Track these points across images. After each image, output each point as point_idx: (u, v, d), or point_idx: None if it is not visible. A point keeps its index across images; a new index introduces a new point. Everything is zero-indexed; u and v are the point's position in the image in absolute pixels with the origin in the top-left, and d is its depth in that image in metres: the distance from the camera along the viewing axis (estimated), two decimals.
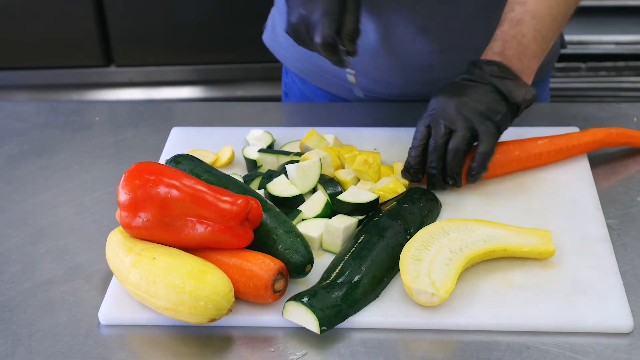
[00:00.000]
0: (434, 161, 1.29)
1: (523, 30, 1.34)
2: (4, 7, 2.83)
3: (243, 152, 1.42)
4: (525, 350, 1.08)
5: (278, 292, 1.12)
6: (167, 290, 1.08)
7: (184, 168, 1.26)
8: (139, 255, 1.12)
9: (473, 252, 1.17)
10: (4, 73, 2.98)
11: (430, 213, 1.27)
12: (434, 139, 1.29)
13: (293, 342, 1.10)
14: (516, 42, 1.33)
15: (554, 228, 1.25)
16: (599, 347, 1.08)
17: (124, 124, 1.61)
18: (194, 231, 1.12)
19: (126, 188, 1.13)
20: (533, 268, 1.19)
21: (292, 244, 1.14)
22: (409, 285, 1.11)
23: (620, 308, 1.12)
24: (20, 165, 1.48)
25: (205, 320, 1.08)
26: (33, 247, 1.28)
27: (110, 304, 1.15)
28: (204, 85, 2.99)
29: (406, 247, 1.17)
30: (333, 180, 1.32)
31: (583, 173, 1.38)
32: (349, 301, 1.11)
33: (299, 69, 1.68)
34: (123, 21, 2.86)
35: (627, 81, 2.84)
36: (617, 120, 1.55)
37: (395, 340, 1.10)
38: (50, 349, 1.10)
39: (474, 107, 1.28)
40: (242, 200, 1.11)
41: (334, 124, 1.54)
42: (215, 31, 2.88)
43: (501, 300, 1.14)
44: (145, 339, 1.13)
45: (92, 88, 2.99)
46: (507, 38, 1.34)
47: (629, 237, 1.27)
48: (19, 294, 1.20)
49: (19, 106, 1.70)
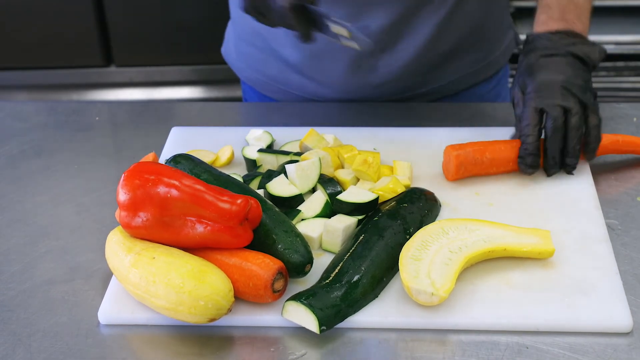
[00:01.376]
0: (556, 141, 1.30)
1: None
2: (4, 7, 2.83)
3: (243, 152, 1.42)
4: (525, 350, 1.08)
5: (278, 291, 1.12)
6: (166, 289, 1.08)
7: (183, 168, 1.26)
8: (138, 255, 1.12)
9: (473, 252, 1.17)
10: (4, 73, 2.98)
11: (429, 213, 1.27)
12: (551, 120, 1.29)
13: (293, 342, 1.10)
14: (573, 5, 1.38)
15: (554, 228, 1.25)
16: (598, 347, 1.08)
17: (124, 124, 1.61)
18: (193, 231, 1.12)
19: (126, 188, 1.13)
20: (533, 268, 1.19)
21: (292, 243, 1.14)
22: (408, 285, 1.11)
23: (619, 308, 1.12)
24: (20, 165, 1.48)
25: (205, 320, 1.08)
26: (33, 247, 1.28)
27: (110, 303, 1.15)
28: (204, 85, 2.99)
29: (406, 246, 1.17)
30: (332, 180, 1.32)
31: (583, 173, 1.38)
32: (349, 301, 1.11)
33: (251, 79, 1.71)
34: (123, 21, 2.87)
35: (626, 81, 2.84)
36: (616, 120, 1.55)
37: (395, 340, 1.10)
38: (50, 349, 1.10)
39: (575, 82, 1.31)
40: (242, 200, 1.11)
41: (333, 124, 1.54)
42: (215, 31, 2.87)
43: (501, 300, 1.14)
44: (145, 338, 1.13)
45: (92, 88, 2.99)
46: (564, 3, 1.38)
47: (629, 237, 1.27)
48: (19, 294, 1.20)
49: (19, 106, 1.70)
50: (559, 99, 1.30)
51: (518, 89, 1.36)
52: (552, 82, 1.32)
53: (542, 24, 1.38)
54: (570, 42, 1.35)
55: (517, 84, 1.37)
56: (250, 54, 1.67)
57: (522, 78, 1.36)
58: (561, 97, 1.31)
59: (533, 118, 1.31)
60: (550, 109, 1.30)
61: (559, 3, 1.39)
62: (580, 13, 1.38)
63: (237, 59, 1.72)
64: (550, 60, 1.34)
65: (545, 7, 1.40)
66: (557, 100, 1.30)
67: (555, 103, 1.30)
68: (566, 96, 1.31)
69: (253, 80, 1.71)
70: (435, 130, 1.49)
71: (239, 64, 1.72)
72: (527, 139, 1.32)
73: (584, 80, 1.34)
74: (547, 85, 1.31)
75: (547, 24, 1.38)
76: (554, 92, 1.31)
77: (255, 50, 1.65)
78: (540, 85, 1.32)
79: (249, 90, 1.77)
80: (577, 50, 1.35)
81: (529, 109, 1.31)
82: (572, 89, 1.31)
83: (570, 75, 1.32)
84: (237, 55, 1.71)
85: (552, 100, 1.30)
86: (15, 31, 2.87)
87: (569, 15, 1.37)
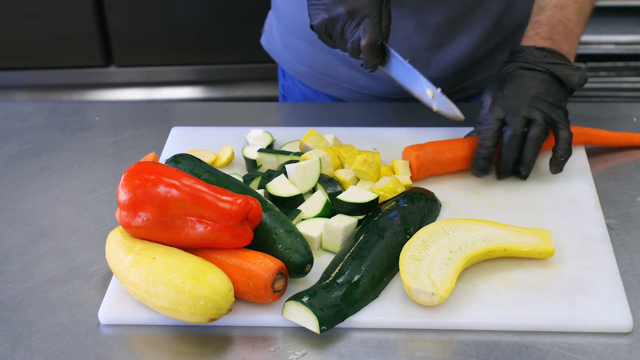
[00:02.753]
0: (512, 150, 1.32)
1: (568, 15, 1.38)
2: (4, 7, 2.83)
3: (243, 152, 1.42)
4: (525, 350, 1.08)
5: (278, 291, 1.12)
6: (166, 289, 1.08)
7: (183, 168, 1.26)
8: (138, 255, 1.12)
9: (473, 252, 1.17)
10: (4, 73, 2.98)
11: (429, 213, 1.27)
12: (512, 128, 1.31)
13: (293, 342, 1.10)
14: (562, 27, 1.38)
15: (554, 228, 1.25)
16: (598, 346, 1.08)
17: (124, 124, 1.61)
18: (193, 231, 1.12)
19: (126, 188, 1.13)
20: (533, 268, 1.19)
21: (292, 243, 1.14)
22: (408, 285, 1.11)
23: (619, 308, 1.12)
24: (21, 165, 1.48)
25: (205, 319, 1.08)
26: (33, 247, 1.28)
27: (110, 303, 1.15)
28: (204, 85, 2.99)
29: (406, 246, 1.17)
30: (333, 180, 1.32)
31: (582, 173, 1.38)
32: (349, 301, 1.11)
33: (297, 72, 1.69)
34: (123, 21, 2.87)
35: (626, 81, 2.84)
36: (617, 120, 1.55)
37: (395, 340, 1.10)
38: (50, 349, 1.10)
39: (545, 98, 1.32)
40: (242, 200, 1.11)
41: (333, 124, 1.54)
42: (215, 31, 2.88)
43: (501, 300, 1.14)
44: (145, 338, 1.13)
45: (92, 88, 2.99)
46: (554, 22, 1.38)
47: (629, 237, 1.27)
48: (19, 294, 1.20)
49: (19, 106, 1.70)
50: (524, 110, 1.31)
51: (489, 93, 1.37)
52: (521, 93, 1.33)
53: (529, 39, 1.39)
54: (552, 61, 1.35)
55: (489, 89, 1.38)
56: (298, 46, 1.66)
57: (495, 84, 1.37)
58: (526, 108, 1.31)
59: (494, 124, 1.32)
60: (512, 118, 1.31)
61: (549, 22, 1.39)
62: (569, 35, 1.38)
63: (283, 51, 1.70)
64: (527, 73, 1.35)
65: (535, 24, 1.41)
66: (522, 111, 1.31)
67: (519, 113, 1.31)
68: (531, 109, 1.31)
69: (300, 73, 1.69)
70: (436, 130, 1.49)
71: (285, 56, 1.70)
72: (484, 142, 1.33)
73: (555, 98, 1.34)
74: (516, 95, 1.33)
75: (534, 40, 1.38)
76: (520, 103, 1.32)
77: (304, 42, 1.64)
78: (509, 94, 1.33)
79: (292, 83, 1.75)
80: (557, 70, 1.35)
81: (492, 115, 1.33)
82: (539, 104, 1.32)
83: (542, 92, 1.33)
84: (283, 47, 1.69)
85: (515, 110, 1.31)
86: (15, 31, 2.87)
87: (556, 35, 1.38)
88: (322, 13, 1.31)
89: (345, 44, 1.32)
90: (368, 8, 1.29)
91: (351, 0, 1.29)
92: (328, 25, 1.32)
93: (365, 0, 1.29)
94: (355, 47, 1.31)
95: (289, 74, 1.74)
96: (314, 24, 1.33)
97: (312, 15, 1.33)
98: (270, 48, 1.74)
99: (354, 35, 1.30)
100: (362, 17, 1.29)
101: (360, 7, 1.29)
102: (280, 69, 1.78)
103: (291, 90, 1.76)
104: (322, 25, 1.32)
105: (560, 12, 1.38)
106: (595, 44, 2.79)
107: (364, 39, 1.29)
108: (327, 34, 1.34)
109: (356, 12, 1.29)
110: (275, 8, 1.71)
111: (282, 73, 1.79)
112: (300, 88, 1.73)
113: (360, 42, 1.29)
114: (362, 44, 1.29)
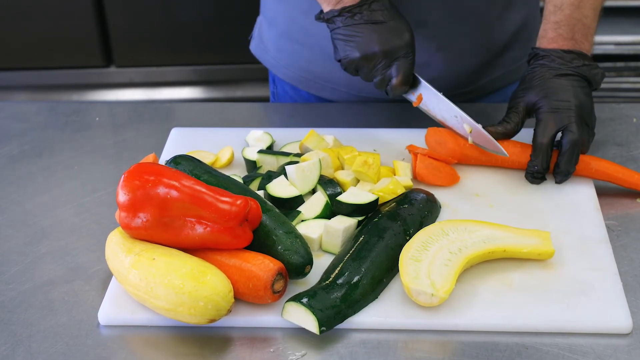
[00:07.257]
0: (573, 158, 1.33)
1: (585, 12, 1.39)
2: (4, 7, 2.83)
3: (243, 153, 1.42)
4: (525, 351, 1.08)
5: (277, 292, 1.12)
6: (166, 290, 1.08)
7: (183, 169, 1.26)
8: (138, 256, 1.12)
9: (472, 253, 1.17)
10: (4, 73, 2.98)
11: (429, 214, 1.27)
12: (568, 138, 1.31)
13: (292, 343, 1.10)
14: (582, 25, 1.38)
15: (554, 229, 1.25)
16: (598, 347, 1.08)
17: (124, 125, 1.61)
18: (193, 232, 1.12)
19: (126, 189, 1.13)
20: (532, 269, 1.19)
21: (292, 244, 1.14)
22: (408, 285, 1.11)
23: (619, 309, 1.12)
24: (21, 166, 1.48)
25: (204, 320, 1.09)
26: (33, 248, 1.28)
27: (110, 304, 1.15)
28: (204, 86, 2.99)
29: (405, 247, 1.17)
30: (332, 181, 1.32)
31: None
32: (349, 302, 1.11)
33: (291, 77, 1.68)
34: (123, 21, 2.86)
35: (626, 82, 2.84)
36: (617, 121, 1.55)
37: (395, 341, 1.10)
38: (50, 350, 1.10)
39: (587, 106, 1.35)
40: (242, 201, 1.11)
41: (333, 125, 1.54)
42: (215, 31, 2.88)
43: (500, 301, 1.14)
44: (144, 339, 1.13)
45: (92, 88, 2.99)
46: (574, 22, 1.38)
47: (629, 238, 1.27)
48: (19, 295, 1.20)
49: (19, 106, 1.70)
50: (575, 121, 1.32)
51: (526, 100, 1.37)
52: (570, 104, 1.33)
53: (552, 41, 1.39)
54: (580, 64, 1.36)
55: (527, 95, 1.37)
56: (294, 50, 1.64)
57: (534, 92, 1.37)
58: (576, 119, 1.33)
59: (550, 138, 1.33)
60: (568, 129, 1.32)
61: (568, 22, 1.39)
62: (587, 32, 1.39)
63: (276, 56, 1.69)
64: (565, 81, 1.35)
65: (554, 24, 1.39)
66: (573, 121, 1.32)
67: (573, 122, 1.32)
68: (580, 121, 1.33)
69: (294, 78, 1.68)
70: None
71: (278, 61, 1.69)
72: (539, 157, 1.34)
73: (591, 106, 1.37)
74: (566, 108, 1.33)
75: (557, 42, 1.38)
76: (570, 115, 1.33)
77: (300, 46, 1.63)
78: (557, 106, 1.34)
79: (282, 91, 1.75)
80: (585, 72, 1.36)
81: (548, 129, 1.33)
82: (584, 113, 1.34)
83: (583, 99, 1.35)
84: (276, 53, 1.68)
85: (569, 120, 1.32)
86: (15, 31, 2.87)
87: (577, 35, 1.38)
88: (353, 51, 1.33)
89: (372, 78, 1.35)
90: (404, 49, 1.32)
91: (386, 41, 1.31)
92: (358, 62, 1.33)
93: (402, 42, 1.31)
94: (384, 83, 1.34)
95: (279, 81, 1.74)
96: (343, 60, 1.35)
97: (341, 49, 1.35)
98: (261, 54, 1.73)
99: (385, 73, 1.33)
100: (397, 58, 1.31)
101: (396, 49, 1.32)
102: (271, 75, 1.77)
103: (281, 98, 1.75)
104: (352, 62, 1.34)
105: (578, 10, 1.39)
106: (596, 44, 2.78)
107: (397, 78, 1.32)
108: (355, 69, 1.36)
109: (392, 54, 1.32)
110: (265, 13, 1.70)
111: (272, 80, 1.78)
112: (292, 95, 1.72)
113: (391, 80, 1.32)
114: (394, 83, 1.32)
